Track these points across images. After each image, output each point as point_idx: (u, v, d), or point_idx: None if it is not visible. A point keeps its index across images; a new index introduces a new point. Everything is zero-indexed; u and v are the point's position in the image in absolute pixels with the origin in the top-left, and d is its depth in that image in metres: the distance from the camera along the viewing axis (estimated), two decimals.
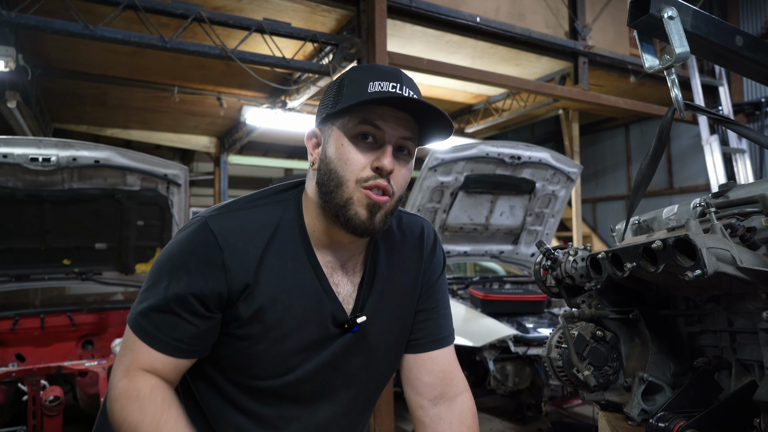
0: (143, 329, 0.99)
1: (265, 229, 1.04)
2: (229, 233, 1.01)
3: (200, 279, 0.98)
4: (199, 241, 1.00)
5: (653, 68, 1.02)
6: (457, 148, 4.44)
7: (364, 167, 1.00)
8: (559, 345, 1.17)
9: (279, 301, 1.02)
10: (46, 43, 4.99)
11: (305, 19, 4.81)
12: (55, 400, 3.19)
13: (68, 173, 3.68)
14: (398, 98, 0.98)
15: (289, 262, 1.04)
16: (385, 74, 1.02)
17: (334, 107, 1.02)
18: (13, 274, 4.04)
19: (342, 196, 1.00)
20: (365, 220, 1.00)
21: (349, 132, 1.00)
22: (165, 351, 1.00)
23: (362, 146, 1.01)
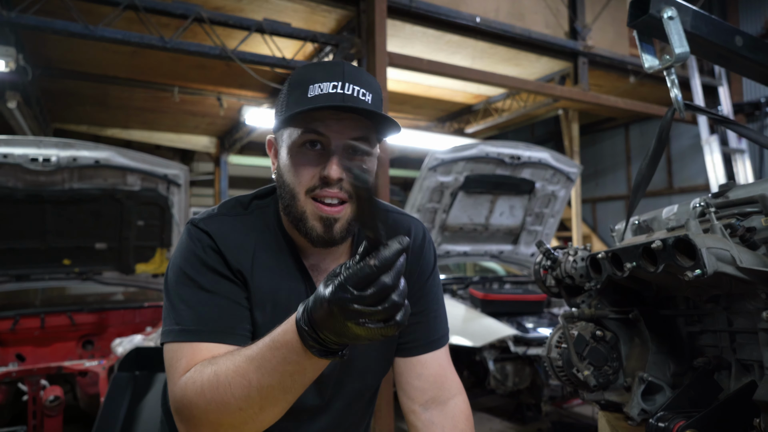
0: (200, 332, 0.92)
1: (252, 233, 1.03)
2: (221, 235, 1.00)
3: (217, 261, 0.98)
4: (198, 238, 1.00)
5: (653, 68, 1.02)
6: (457, 148, 4.44)
7: (312, 177, 0.96)
8: (559, 345, 1.17)
9: (273, 301, 1.01)
10: (46, 43, 4.99)
11: (305, 19, 4.81)
12: (55, 400, 3.19)
13: (68, 173, 3.69)
14: (330, 106, 0.93)
15: (275, 264, 1.03)
16: (325, 73, 0.96)
17: (278, 114, 1.01)
18: (14, 274, 4.04)
19: (297, 208, 0.98)
20: (322, 233, 0.98)
21: (295, 142, 0.97)
22: (233, 341, 0.93)
23: (309, 155, 0.97)
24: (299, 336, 0.75)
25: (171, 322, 0.94)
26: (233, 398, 0.80)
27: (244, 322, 0.97)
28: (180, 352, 0.91)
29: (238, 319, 0.96)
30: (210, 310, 0.94)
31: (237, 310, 0.96)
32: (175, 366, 0.91)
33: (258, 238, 1.04)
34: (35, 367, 3.32)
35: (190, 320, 0.93)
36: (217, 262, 0.97)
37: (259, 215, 1.07)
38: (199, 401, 0.83)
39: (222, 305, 0.95)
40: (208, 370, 0.84)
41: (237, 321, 0.96)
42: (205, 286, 0.95)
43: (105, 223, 4.06)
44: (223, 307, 0.95)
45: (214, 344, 0.91)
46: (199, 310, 0.94)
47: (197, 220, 1.03)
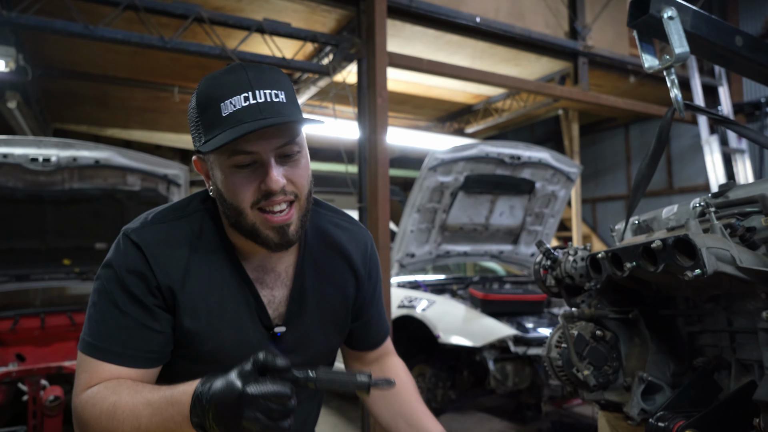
0: (108, 351, 0.97)
1: (186, 240, 1.04)
2: (151, 245, 1.01)
3: (136, 284, 0.99)
4: (126, 252, 1.00)
5: (653, 68, 1.02)
6: (457, 148, 4.44)
7: (253, 192, 0.97)
8: (559, 345, 1.17)
9: (207, 309, 1.03)
10: (46, 43, 4.99)
11: (305, 20, 4.81)
12: (55, 400, 3.19)
13: (68, 173, 3.69)
14: (257, 127, 0.91)
15: (215, 270, 1.04)
16: (231, 87, 0.95)
17: (198, 140, 0.99)
18: (14, 274, 4.04)
19: (246, 223, 0.99)
20: (278, 240, 1.00)
21: (225, 165, 0.97)
22: (141, 365, 0.98)
23: (244, 173, 0.97)
24: (190, 407, 0.82)
25: (85, 331, 0.99)
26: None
27: (152, 345, 0.99)
28: (85, 365, 0.98)
29: (146, 343, 0.99)
30: (120, 332, 0.97)
31: (147, 335, 0.99)
32: (80, 376, 0.98)
33: (193, 245, 1.04)
34: (35, 367, 3.32)
35: (99, 336, 0.98)
36: (136, 285, 0.98)
37: (196, 219, 1.07)
38: (94, 425, 0.91)
39: (131, 329, 0.98)
40: (110, 400, 0.90)
41: (145, 345, 0.99)
42: (120, 306, 0.98)
43: (105, 223, 4.05)
44: (133, 332, 0.98)
45: (117, 366, 0.97)
46: (110, 329, 0.98)
47: (130, 230, 1.02)
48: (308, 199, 1.04)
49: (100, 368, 0.96)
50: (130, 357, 0.97)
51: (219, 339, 1.04)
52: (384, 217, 4.18)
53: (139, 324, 0.98)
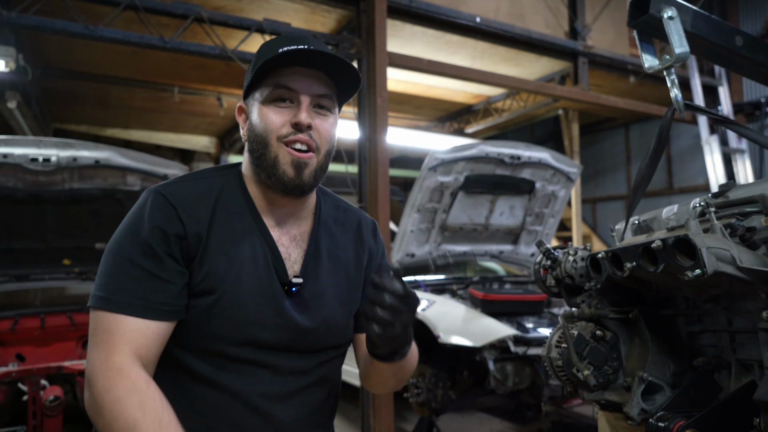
0: (119, 302, 0.97)
1: (211, 193, 1.09)
2: (179, 196, 1.05)
3: (159, 221, 1.01)
4: (153, 204, 1.03)
5: (653, 68, 1.02)
6: (457, 148, 4.44)
7: (284, 124, 1.06)
8: (559, 345, 1.17)
9: (232, 256, 1.05)
10: (46, 43, 4.99)
11: (305, 19, 4.81)
12: (55, 400, 3.19)
13: (68, 173, 3.69)
14: (294, 51, 1.03)
15: (236, 221, 1.09)
16: (293, 39, 1.08)
17: (249, 77, 1.09)
18: (13, 274, 4.04)
19: (269, 156, 1.06)
20: (293, 177, 1.06)
21: (266, 99, 1.07)
22: (152, 316, 0.98)
23: (280, 108, 1.07)
24: None
25: (96, 287, 1.00)
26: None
27: (166, 297, 1.00)
28: (99, 321, 0.97)
29: (160, 293, 0.99)
30: (132, 283, 0.98)
31: (160, 285, 1.00)
32: (103, 339, 0.96)
33: (218, 197, 1.09)
34: (35, 367, 3.32)
35: (110, 289, 0.98)
36: (155, 236, 1.00)
37: (221, 179, 1.13)
38: (111, 424, 0.90)
39: (144, 280, 0.99)
40: (132, 415, 0.89)
41: (159, 296, 0.99)
42: (133, 259, 0.99)
43: (105, 223, 4.05)
44: (146, 283, 0.99)
45: (133, 319, 0.97)
46: (122, 281, 0.98)
47: (160, 186, 1.07)
48: (327, 157, 1.12)
49: (115, 323, 0.96)
50: (143, 308, 0.97)
51: (239, 286, 1.05)
52: (384, 217, 4.18)
53: (151, 275, 0.99)
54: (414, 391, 4.10)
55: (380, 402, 4.00)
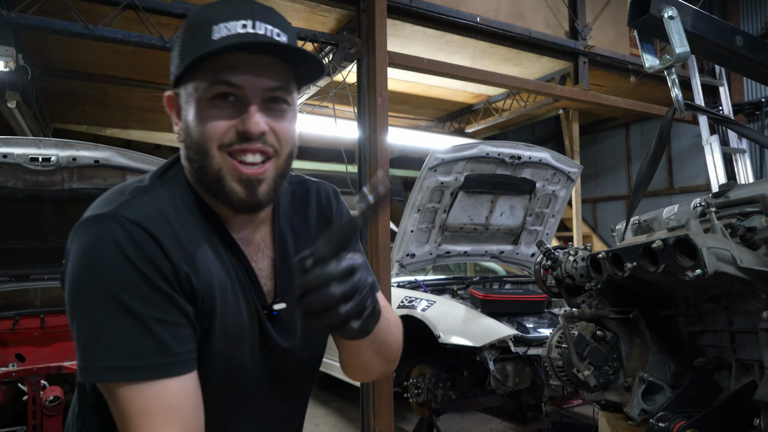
0: (143, 367, 0.77)
1: (177, 211, 0.86)
2: (151, 220, 0.81)
3: (145, 254, 0.79)
4: (129, 239, 0.79)
5: (653, 68, 1.02)
6: (457, 148, 4.44)
7: (227, 130, 0.84)
8: (560, 345, 1.17)
9: (215, 286, 0.87)
10: (46, 43, 4.99)
11: (305, 19, 4.81)
12: (55, 400, 3.19)
13: (68, 173, 3.68)
14: (244, 43, 0.80)
15: (205, 242, 0.87)
16: (231, 11, 0.83)
17: (176, 64, 0.86)
18: (13, 274, 4.04)
19: (211, 167, 0.85)
20: (244, 197, 0.85)
21: (203, 95, 0.84)
22: (186, 369, 0.80)
23: (221, 108, 0.84)
24: None
25: (97, 355, 0.76)
26: None
27: (192, 341, 0.84)
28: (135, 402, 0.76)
29: (188, 338, 0.83)
30: (158, 337, 0.78)
31: (185, 331, 0.82)
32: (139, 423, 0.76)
33: (183, 217, 0.87)
34: (35, 367, 3.31)
35: (128, 354, 0.76)
36: (151, 273, 0.79)
37: (174, 185, 0.90)
38: None
39: (162, 329, 0.79)
40: None
41: (189, 342, 0.83)
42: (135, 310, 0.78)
43: None
44: (173, 330, 0.80)
45: (168, 380, 0.78)
46: (134, 339, 0.77)
47: (120, 209, 0.82)
48: (288, 161, 0.90)
49: (149, 399, 0.77)
50: (175, 364, 0.79)
51: (225, 325, 0.88)
52: (384, 217, 4.18)
53: (162, 322, 0.79)
54: (414, 391, 4.10)
55: (380, 402, 4.00)
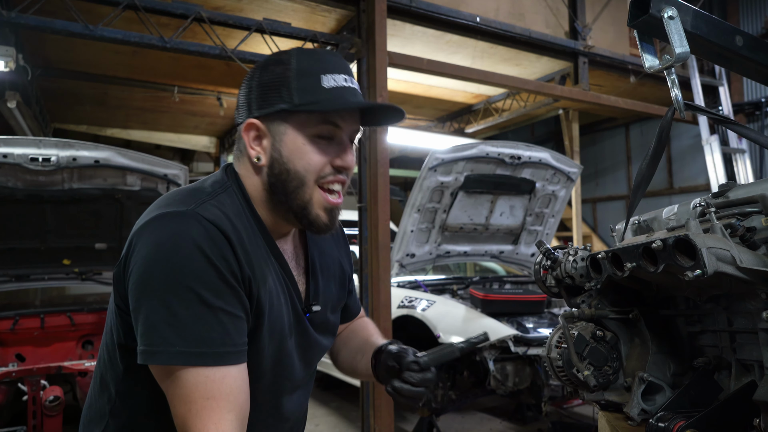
0: (212, 354, 0.85)
1: (238, 217, 0.97)
2: (224, 222, 0.92)
3: (221, 253, 0.88)
4: (207, 236, 0.88)
5: (653, 68, 1.02)
6: (457, 148, 4.44)
7: (325, 165, 1.00)
8: (559, 345, 1.17)
9: (266, 289, 0.97)
10: (46, 43, 4.99)
11: (305, 19, 4.81)
12: (55, 400, 3.19)
13: (68, 173, 3.68)
14: (359, 104, 1.00)
15: (257, 249, 0.99)
16: (333, 65, 1.01)
17: (287, 100, 0.97)
18: (13, 274, 4.04)
19: (303, 197, 0.99)
20: (327, 222, 1.02)
21: (309, 132, 0.99)
22: (242, 359, 0.90)
23: (321, 145, 1.00)
24: None
25: (176, 338, 0.84)
26: None
27: (245, 334, 0.93)
28: (202, 385, 0.84)
29: (244, 332, 0.92)
30: (225, 327, 0.88)
31: (243, 324, 0.92)
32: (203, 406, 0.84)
33: (245, 225, 0.98)
34: (35, 367, 3.32)
35: (196, 341, 0.85)
36: (227, 269, 0.89)
37: (233, 194, 1.01)
38: None
39: (226, 321, 0.89)
40: None
41: (245, 335, 0.92)
42: (213, 302, 0.87)
43: (105, 223, 4.05)
44: (236, 323, 0.90)
45: (227, 368, 0.87)
46: (215, 327, 0.86)
47: (197, 208, 0.91)
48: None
49: (213, 383, 0.85)
50: (236, 354, 0.89)
51: (272, 323, 0.99)
52: (384, 217, 4.18)
53: (230, 315, 0.88)
54: None
55: (380, 402, 4.00)
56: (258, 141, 1.01)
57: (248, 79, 1.03)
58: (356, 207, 4.38)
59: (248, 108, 1.01)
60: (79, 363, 3.43)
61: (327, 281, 1.17)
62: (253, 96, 1.01)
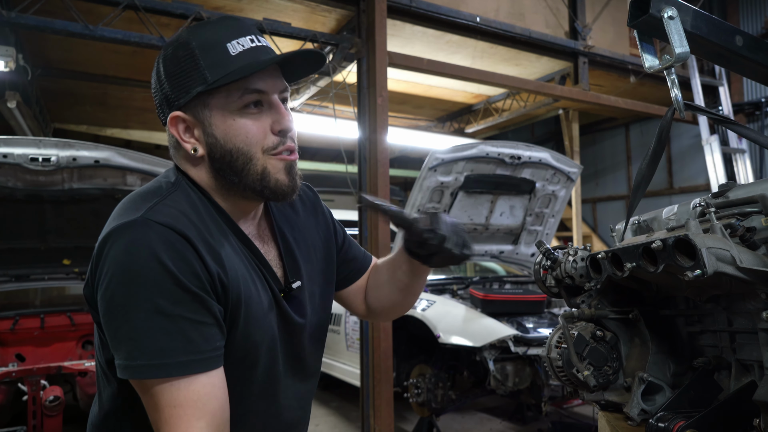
0: (171, 364, 0.83)
1: (198, 213, 0.94)
2: (180, 221, 0.88)
3: (188, 274, 0.85)
4: (161, 241, 0.85)
5: (653, 68, 1.02)
6: (457, 148, 4.44)
7: (266, 134, 0.96)
8: (559, 345, 1.17)
9: (239, 279, 0.94)
10: (46, 43, 4.99)
11: (305, 19, 4.81)
12: (55, 400, 3.19)
13: (68, 173, 3.68)
14: (272, 60, 0.94)
15: (223, 239, 0.95)
16: (234, 30, 0.96)
17: (200, 82, 0.93)
18: (13, 274, 4.04)
19: (255, 170, 0.95)
20: (289, 183, 0.98)
21: (235, 106, 0.94)
22: (212, 366, 0.87)
23: (253, 115, 0.95)
24: None
25: (138, 352, 0.83)
26: None
27: (219, 339, 0.90)
28: (166, 395, 0.83)
29: (215, 337, 0.89)
30: (188, 336, 0.85)
31: (212, 330, 0.88)
32: (170, 414, 0.83)
33: (203, 219, 0.94)
34: (35, 367, 3.32)
35: (165, 350, 0.83)
36: (187, 273, 0.85)
37: (186, 188, 0.97)
38: None
39: (197, 327, 0.86)
40: None
41: (215, 340, 0.89)
42: (174, 311, 0.84)
43: (105, 223, 4.04)
44: (201, 330, 0.87)
45: (199, 376, 0.85)
46: (175, 337, 0.84)
47: (147, 214, 0.88)
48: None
49: (178, 392, 0.83)
50: (202, 361, 0.85)
51: (251, 313, 0.95)
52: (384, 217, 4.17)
53: (193, 322, 0.85)
54: (414, 391, 4.10)
55: (380, 402, 4.00)
56: (188, 132, 0.98)
57: (155, 74, 0.99)
58: (356, 207, 4.38)
59: (167, 103, 0.97)
60: (79, 363, 3.44)
61: (306, 253, 1.13)
62: (167, 89, 0.96)
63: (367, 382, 4.10)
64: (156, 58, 0.99)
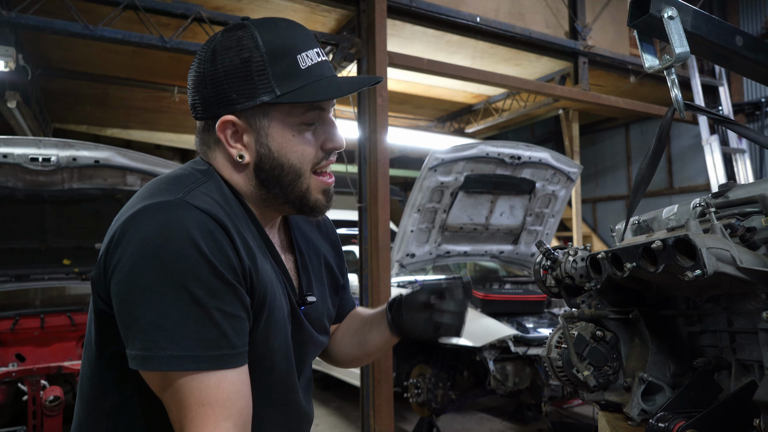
0: (205, 357, 0.78)
1: (228, 206, 0.90)
2: (219, 210, 0.84)
3: (223, 260, 0.80)
4: (201, 227, 0.80)
5: (653, 68, 1.02)
6: (457, 148, 4.44)
7: (317, 152, 0.95)
8: (559, 345, 1.17)
9: (267, 281, 0.91)
10: (46, 43, 4.99)
11: (305, 19, 4.81)
12: (55, 400, 3.20)
13: (68, 173, 3.68)
14: (351, 90, 0.94)
15: (250, 239, 0.91)
16: (304, 40, 0.94)
17: (268, 91, 0.88)
18: (13, 274, 4.04)
19: (300, 187, 0.94)
20: (326, 203, 0.99)
21: (296, 121, 0.92)
22: (242, 361, 0.83)
23: (309, 131, 0.94)
24: None
25: (166, 342, 0.76)
26: None
27: (246, 334, 0.86)
28: (196, 391, 0.77)
29: (244, 332, 0.84)
30: (221, 329, 0.80)
31: (242, 323, 0.84)
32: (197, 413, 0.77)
33: (236, 214, 0.91)
34: (35, 367, 3.32)
35: (193, 344, 0.77)
36: (224, 263, 0.81)
37: (219, 181, 0.93)
38: None
39: (230, 320, 0.81)
40: None
41: (245, 335, 0.85)
42: (208, 302, 0.79)
43: (105, 223, 4.01)
44: (234, 323, 0.82)
45: (227, 371, 0.80)
46: (208, 328, 0.78)
47: (186, 197, 0.83)
48: None
49: (208, 388, 0.78)
50: (234, 356, 0.81)
51: (275, 318, 0.92)
52: (384, 217, 4.18)
53: (227, 315, 0.80)
54: (414, 391, 4.10)
55: (380, 402, 4.00)
56: (236, 137, 0.92)
57: (202, 66, 0.91)
58: (356, 207, 4.38)
59: (219, 102, 0.90)
60: (79, 363, 3.43)
61: (318, 271, 1.12)
62: (224, 87, 0.89)
63: (367, 382, 4.10)
64: (206, 46, 0.92)
